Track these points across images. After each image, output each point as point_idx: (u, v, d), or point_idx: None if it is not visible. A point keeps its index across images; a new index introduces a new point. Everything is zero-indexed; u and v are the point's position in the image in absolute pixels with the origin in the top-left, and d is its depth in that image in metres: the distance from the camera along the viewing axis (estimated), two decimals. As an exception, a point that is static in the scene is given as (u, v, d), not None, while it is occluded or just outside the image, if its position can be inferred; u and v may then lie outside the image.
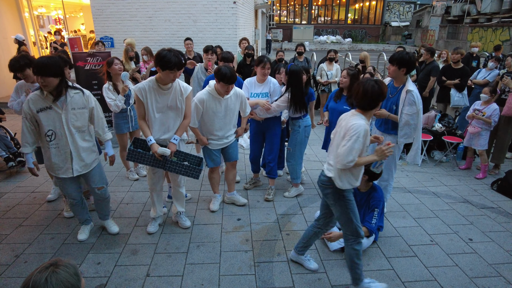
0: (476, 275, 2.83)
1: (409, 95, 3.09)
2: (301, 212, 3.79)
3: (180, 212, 3.48)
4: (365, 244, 2.97)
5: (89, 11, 8.83)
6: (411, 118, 3.13)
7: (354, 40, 30.92)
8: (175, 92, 2.98)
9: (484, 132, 4.61)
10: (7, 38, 9.20)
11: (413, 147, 3.26)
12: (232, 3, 8.25)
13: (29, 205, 3.86)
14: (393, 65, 3.14)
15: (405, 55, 3.10)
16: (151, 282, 2.71)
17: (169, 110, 3.01)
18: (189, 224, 3.48)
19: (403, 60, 3.07)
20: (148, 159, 3.02)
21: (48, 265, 1.23)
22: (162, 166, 3.07)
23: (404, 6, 32.76)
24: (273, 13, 28.76)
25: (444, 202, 4.06)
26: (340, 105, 3.74)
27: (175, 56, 2.76)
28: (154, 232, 3.35)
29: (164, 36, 8.50)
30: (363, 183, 3.07)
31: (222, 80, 3.15)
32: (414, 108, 3.09)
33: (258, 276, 2.79)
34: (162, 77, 2.86)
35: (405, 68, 3.10)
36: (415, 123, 3.15)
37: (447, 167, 5.12)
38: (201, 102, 3.29)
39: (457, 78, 5.70)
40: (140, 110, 2.97)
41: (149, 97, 2.91)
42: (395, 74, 3.18)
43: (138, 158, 3.01)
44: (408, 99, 3.10)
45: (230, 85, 3.20)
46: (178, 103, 3.01)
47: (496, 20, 19.58)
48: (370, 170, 2.96)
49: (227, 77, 3.13)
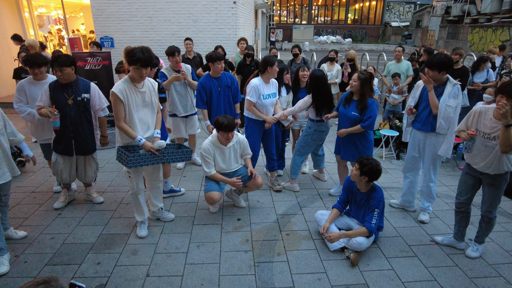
0: (476, 275, 2.83)
1: (455, 88, 3.21)
2: (301, 212, 3.79)
3: (160, 208, 3.54)
4: (365, 244, 2.97)
5: (89, 11, 8.83)
6: (452, 111, 3.21)
7: (354, 40, 30.92)
8: (148, 89, 3.06)
9: None
10: (7, 38, 9.19)
11: (447, 140, 3.32)
12: (232, 3, 8.25)
13: (29, 205, 3.86)
14: (433, 70, 3.18)
15: (443, 58, 3.16)
16: (151, 282, 2.71)
17: (146, 108, 3.08)
18: (173, 216, 3.59)
19: (443, 64, 3.14)
20: (147, 159, 3.03)
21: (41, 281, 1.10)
22: (161, 160, 3.11)
23: (404, 6, 32.76)
24: (273, 13, 28.74)
25: (444, 202, 4.06)
26: (349, 111, 3.68)
27: (142, 52, 2.80)
28: (145, 236, 3.30)
29: (164, 36, 8.49)
30: (363, 183, 3.08)
31: (220, 129, 3.31)
32: (456, 101, 3.20)
33: (258, 276, 2.79)
34: (131, 74, 2.92)
35: (445, 71, 3.19)
36: (454, 117, 3.24)
37: (447, 167, 5.12)
38: (207, 151, 3.44)
39: (456, 78, 5.67)
40: (120, 112, 2.93)
41: (130, 97, 2.94)
42: (436, 78, 3.23)
43: (139, 161, 2.99)
44: (453, 92, 3.20)
45: (229, 132, 3.32)
46: (152, 99, 3.11)
47: (496, 20, 19.57)
48: (369, 171, 2.97)
49: (224, 125, 3.27)
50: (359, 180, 3.08)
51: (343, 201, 3.31)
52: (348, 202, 3.33)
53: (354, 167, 3.11)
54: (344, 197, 3.31)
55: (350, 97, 3.73)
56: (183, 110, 4.61)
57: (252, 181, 3.66)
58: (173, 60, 4.34)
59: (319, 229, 3.29)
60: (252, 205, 3.93)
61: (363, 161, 3.00)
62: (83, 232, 3.36)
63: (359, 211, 3.20)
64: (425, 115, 3.39)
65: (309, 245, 3.20)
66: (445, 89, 3.24)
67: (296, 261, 2.97)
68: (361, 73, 3.59)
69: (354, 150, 3.78)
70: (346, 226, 3.29)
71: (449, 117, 3.22)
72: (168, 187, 4.07)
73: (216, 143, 3.47)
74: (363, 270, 2.88)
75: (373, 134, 3.86)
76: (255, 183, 3.68)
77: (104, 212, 3.72)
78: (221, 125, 3.30)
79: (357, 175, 3.05)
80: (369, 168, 2.96)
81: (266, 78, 3.88)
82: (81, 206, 3.85)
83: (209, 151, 3.45)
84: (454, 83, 3.22)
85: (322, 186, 4.45)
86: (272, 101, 3.99)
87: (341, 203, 3.31)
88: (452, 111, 3.21)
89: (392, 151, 5.57)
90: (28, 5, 9.84)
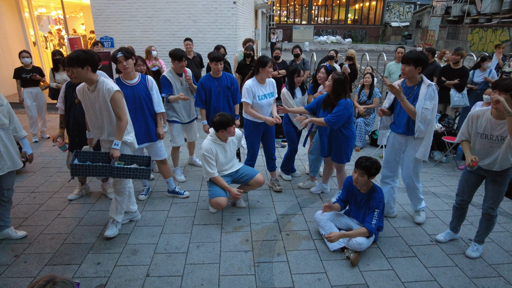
0: (476, 276, 2.83)
1: (430, 89, 3.15)
2: (301, 212, 3.79)
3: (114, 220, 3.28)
4: (365, 245, 2.97)
5: (89, 11, 8.83)
6: (429, 113, 3.16)
7: (354, 40, 30.94)
8: (98, 93, 2.93)
9: None
10: (7, 38, 9.20)
11: (423, 143, 3.26)
12: (232, 3, 8.25)
13: (29, 205, 3.86)
14: (409, 65, 3.14)
15: (420, 54, 3.12)
16: (151, 282, 2.71)
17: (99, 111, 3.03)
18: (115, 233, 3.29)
19: (419, 60, 3.10)
20: (93, 170, 2.97)
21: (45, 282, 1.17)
22: (109, 173, 3.01)
23: (404, 6, 32.78)
24: (273, 13, 28.75)
25: (444, 202, 4.06)
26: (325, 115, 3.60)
27: (74, 52, 2.83)
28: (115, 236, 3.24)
29: (164, 36, 8.50)
30: (363, 183, 3.07)
31: (221, 127, 3.35)
32: (432, 102, 3.14)
33: (258, 276, 2.79)
34: None
35: (421, 67, 3.14)
36: (431, 119, 3.19)
37: (447, 168, 5.12)
38: (210, 151, 3.42)
39: (456, 78, 5.70)
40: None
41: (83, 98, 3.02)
42: (411, 74, 3.18)
43: (82, 171, 2.96)
44: (429, 93, 3.14)
45: (231, 127, 3.37)
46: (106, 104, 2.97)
47: (496, 21, 19.58)
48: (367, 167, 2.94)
49: (224, 122, 3.32)
50: (367, 183, 3.05)
51: (343, 200, 3.31)
52: (347, 201, 3.33)
53: (356, 173, 3.02)
54: (344, 196, 3.31)
55: (329, 99, 3.61)
56: (187, 116, 4.41)
57: (254, 179, 3.67)
58: (179, 65, 4.13)
59: (319, 229, 3.29)
60: (252, 205, 3.94)
61: (367, 165, 2.95)
62: (83, 232, 3.36)
63: (359, 211, 3.20)
64: (403, 117, 3.32)
65: (309, 245, 3.20)
66: (420, 91, 3.18)
67: (296, 261, 2.97)
68: (336, 73, 3.51)
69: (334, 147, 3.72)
70: (346, 226, 3.29)
71: (426, 119, 3.16)
72: (171, 187, 4.06)
73: (216, 140, 3.49)
74: (363, 270, 2.88)
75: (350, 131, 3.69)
76: (258, 181, 3.70)
77: (104, 212, 3.72)
78: (220, 124, 3.31)
79: (365, 180, 3.00)
80: (375, 168, 2.96)
81: (260, 78, 3.87)
82: (81, 206, 3.85)
83: (211, 150, 3.44)
84: (428, 84, 3.16)
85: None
86: (269, 101, 3.96)
87: (341, 201, 3.31)
88: (429, 113, 3.15)
89: (392, 151, 5.56)
90: (28, 5, 9.83)
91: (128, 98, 3.40)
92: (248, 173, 3.70)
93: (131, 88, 3.49)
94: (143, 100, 3.56)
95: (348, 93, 3.55)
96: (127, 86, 3.47)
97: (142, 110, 3.58)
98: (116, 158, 3.01)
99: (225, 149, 3.55)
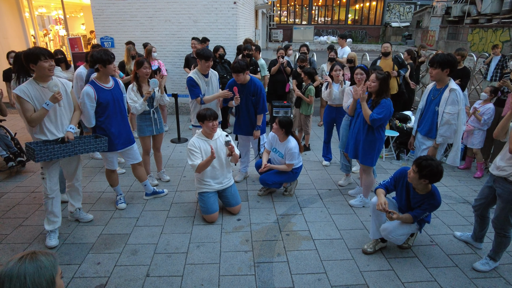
0: (476, 276, 2.83)
1: (453, 94, 3.13)
2: (301, 212, 3.79)
3: (78, 209, 3.51)
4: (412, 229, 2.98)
5: (89, 11, 8.82)
6: (452, 118, 3.14)
7: (354, 40, 30.91)
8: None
9: (477, 131, 4.70)
10: (7, 38, 9.20)
11: (453, 148, 3.27)
12: (232, 4, 8.24)
13: (29, 205, 3.86)
14: (435, 68, 3.15)
15: (447, 56, 3.12)
16: (151, 282, 2.71)
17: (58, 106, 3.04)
18: (91, 217, 3.56)
19: (445, 62, 3.10)
20: (57, 151, 2.98)
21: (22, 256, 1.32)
22: (73, 151, 3.10)
23: (404, 6, 32.75)
24: (274, 14, 28.75)
25: (444, 202, 4.06)
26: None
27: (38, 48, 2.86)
28: (56, 245, 3.13)
29: (165, 36, 8.48)
30: (422, 185, 2.83)
31: (205, 119, 3.44)
32: (456, 107, 3.11)
33: (258, 277, 2.79)
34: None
35: (448, 69, 3.13)
36: (456, 124, 3.16)
37: (447, 168, 5.11)
38: (193, 145, 3.49)
39: (457, 78, 5.70)
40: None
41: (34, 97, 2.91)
42: (438, 77, 3.19)
43: (48, 155, 2.93)
44: (451, 98, 3.13)
45: (213, 121, 3.45)
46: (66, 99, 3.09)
47: (496, 21, 19.57)
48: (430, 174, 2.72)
49: (208, 115, 3.42)
50: (418, 183, 2.80)
51: (387, 187, 3.05)
52: (392, 190, 3.08)
53: (411, 169, 2.82)
54: (389, 184, 3.06)
55: (369, 97, 3.57)
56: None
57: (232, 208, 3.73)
58: (205, 65, 4.06)
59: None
60: (252, 205, 3.93)
61: (421, 163, 2.71)
62: (83, 232, 3.37)
63: (408, 208, 3.02)
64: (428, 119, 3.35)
65: (309, 245, 3.20)
66: (442, 95, 3.18)
67: (296, 261, 2.97)
68: (379, 73, 3.43)
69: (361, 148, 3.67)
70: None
71: (450, 124, 3.16)
72: (150, 190, 4.01)
73: (201, 136, 3.56)
74: (363, 270, 2.88)
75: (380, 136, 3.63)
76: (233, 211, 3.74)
77: (104, 212, 3.72)
78: (204, 116, 3.43)
79: (416, 178, 2.77)
80: (429, 171, 2.69)
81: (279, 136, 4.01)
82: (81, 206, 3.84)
83: (194, 144, 3.50)
84: (451, 88, 3.14)
85: (322, 186, 4.45)
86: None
87: (385, 186, 3.06)
88: (453, 118, 3.13)
89: (392, 151, 5.56)
90: (28, 5, 9.83)
91: (109, 102, 3.41)
92: (231, 200, 3.69)
93: (110, 91, 3.45)
94: (121, 103, 3.58)
95: (389, 92, 3.52)
96: (105, 90, 3.42)
97: (121, 113, 3.57)
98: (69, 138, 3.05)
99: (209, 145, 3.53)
